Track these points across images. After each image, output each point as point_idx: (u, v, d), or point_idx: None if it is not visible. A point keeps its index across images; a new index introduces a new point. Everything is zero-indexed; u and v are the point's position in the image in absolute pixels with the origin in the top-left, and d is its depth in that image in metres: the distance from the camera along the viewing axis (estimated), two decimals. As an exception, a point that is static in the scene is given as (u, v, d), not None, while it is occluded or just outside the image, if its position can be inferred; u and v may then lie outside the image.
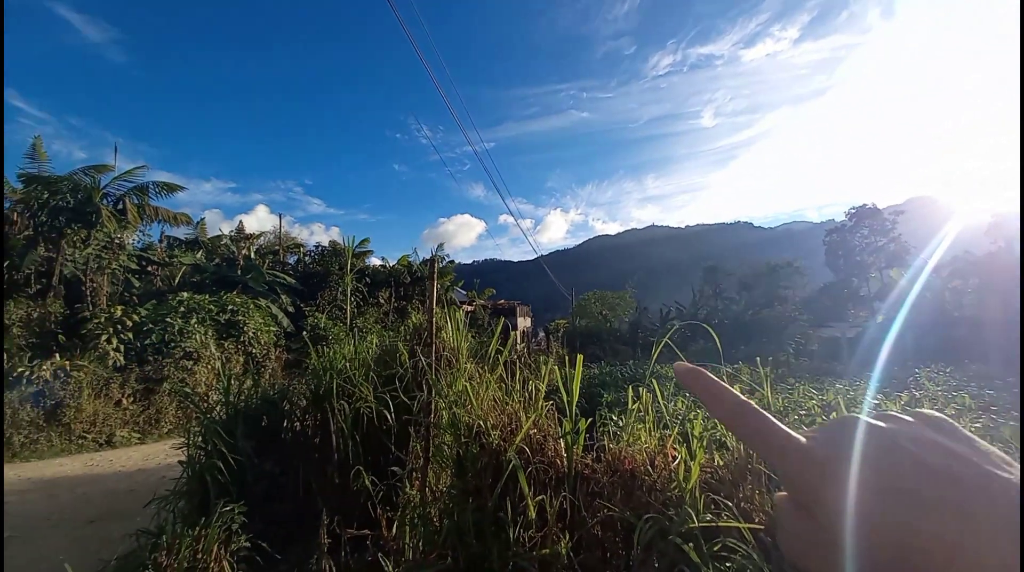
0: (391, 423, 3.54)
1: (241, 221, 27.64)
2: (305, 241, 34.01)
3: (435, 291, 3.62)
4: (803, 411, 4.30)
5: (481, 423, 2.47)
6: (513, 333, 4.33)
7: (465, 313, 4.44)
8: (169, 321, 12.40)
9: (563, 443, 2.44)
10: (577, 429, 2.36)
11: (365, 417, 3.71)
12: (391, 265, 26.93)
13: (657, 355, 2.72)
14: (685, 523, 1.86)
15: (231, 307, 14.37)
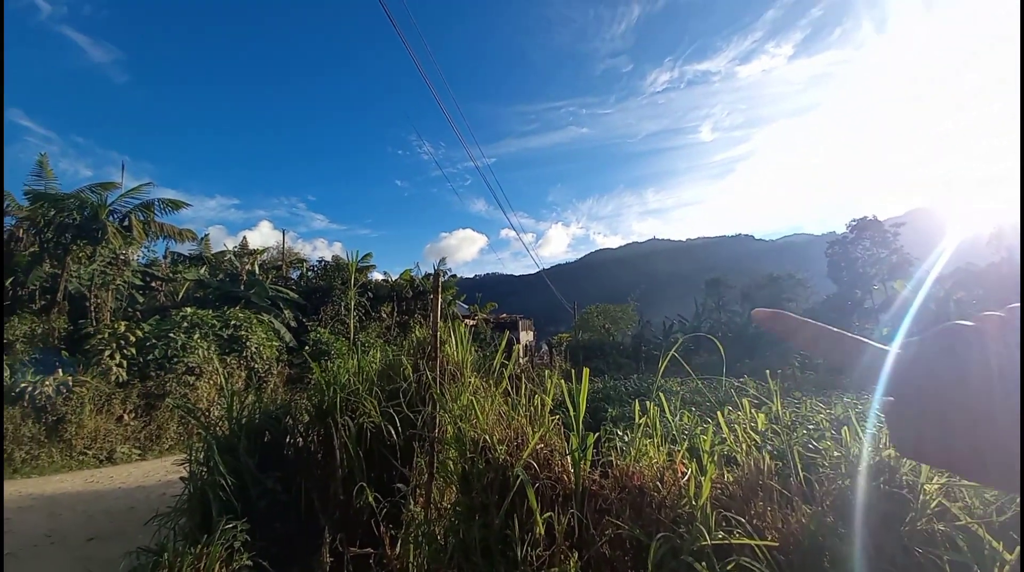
0: (395, 438, 3.51)
1: (245, 237, 27.84)
2: (308, 256, 34.22)
3: (439, 305, 3.63)
4: (812, 425, 4.24)
5: (487, 438, 2.45)
6: (516, 347, 4.32)
7: (467, 327, 4.43)
8: (172, 336, 12.41)
9: (570, 459, 2.41)
10: (585, 444, 2.34)
11: (369, 432, 3.67)
12: (393, 280, 26.98)
13: (661, 369, 2.71)
14: (697, 541, 1.82)
15: (234, 322, 14.38)
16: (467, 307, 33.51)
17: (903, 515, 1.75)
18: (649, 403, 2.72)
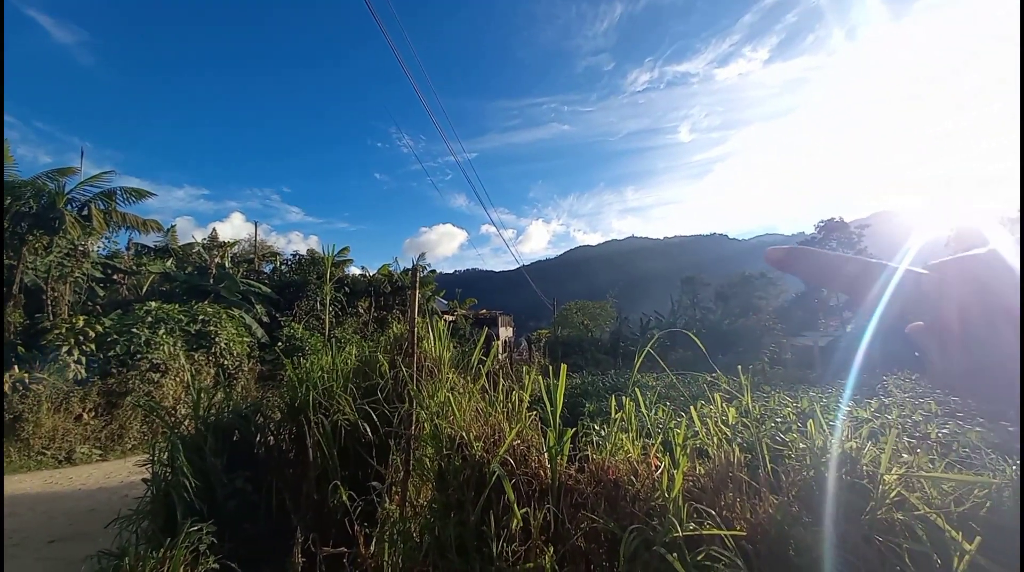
0: (371, 436, 3.45)
1: (215, 228, 26.93)
2: (282, 250, 33.33)
3: (417, 300, 3.58)
4: (779, 418, 4.38)
5: (464, 435, 2.43)
6: (495, 343, 4.31)
7: (446, 323, 4.39)
8: (135, 332, 11.89)
9: (547, 454, 2.42)
10: (562, 440, 2.35)
11: (343, 430, 3.60)
12: (371, 274, 26.56)
13: (637, 364, 2.74)
14: (669, 533, 1.85)
15: (202, 317, 13.88)
16: (446, 303, 33.30)
17: (864, 505, 1.82)
18: (625, 398, 2.75)
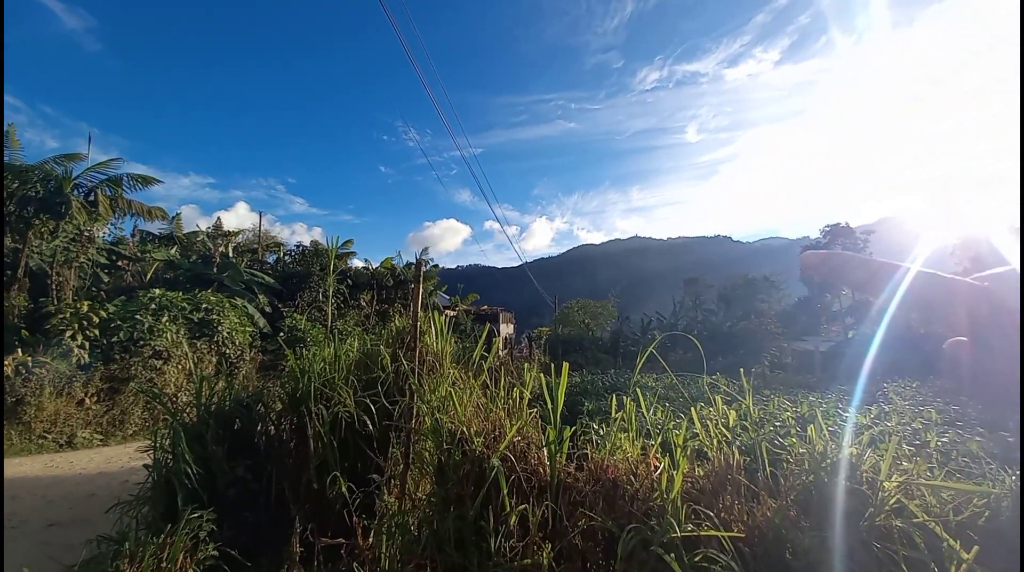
0: (371, 429, 3.47)
1: (219, 217, 26.97)
2: (286, 240, 33.42)
3: (420, 294, 3.58)
4: (778, 422, 4.39)
5: (464, 430, 2.44)
6: (496, 339, 4.31)
7: (448, 318, 4.40)
8: (139, 318, 11.94)
9: (546, 451, 2.42)
10: (562, 438, 2.35)
11: (344, 422, 3.62)
12: (374, 267, 26.58)
13: (639, 365, 2.74)
14: (667, 533, 1.86)
15: (205, 306, 13.93)
16: (448, 298, 33.32)
17: (862, 511, 1.82)
18: (626, 398, 2.76)
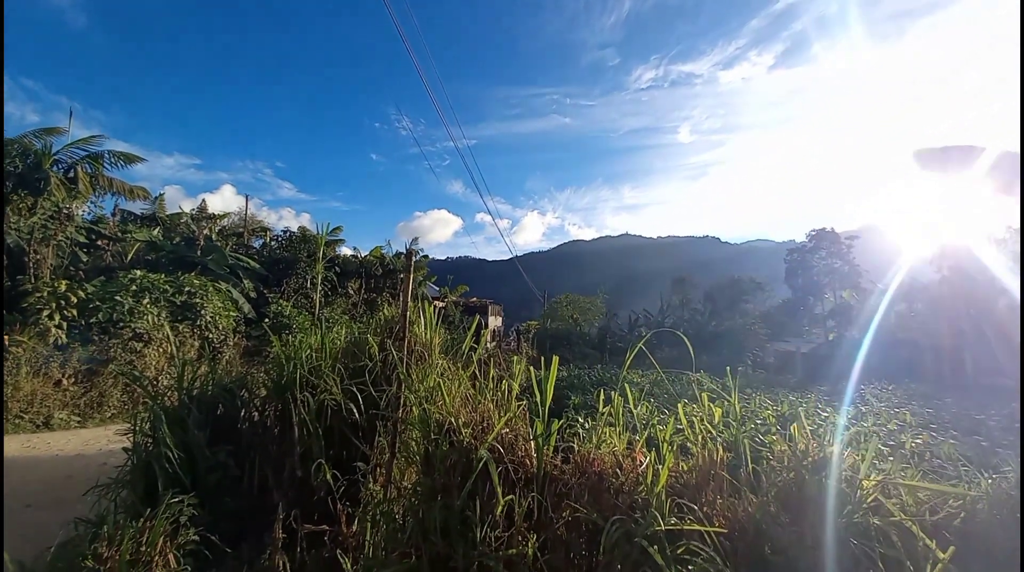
0: (357, 417, 3.45)
1: (204, 199, 26.36)
2: (273, 225, 32.80)
3: (411, 284, 3.56)
4: (759, 420, 4.48)
5: (452, 420, 2.44)
6: (484, 331, 4.30)
7: (437, 309, 4.38)
8: (119, 299, 11.67)
9: (534, 444, 2.44)
10: (550, 431, 2.37)
11: (329, 410, 3.59)
12: (363, 256, 26.32)
13: (624, 360, 2.77)
14: (651, 526, 1.88)
15: (188, 289, 13.66)
16: (438, 289, 33.20)
17: (841, 508, 1.87)
18: (613, 393, 2.78)
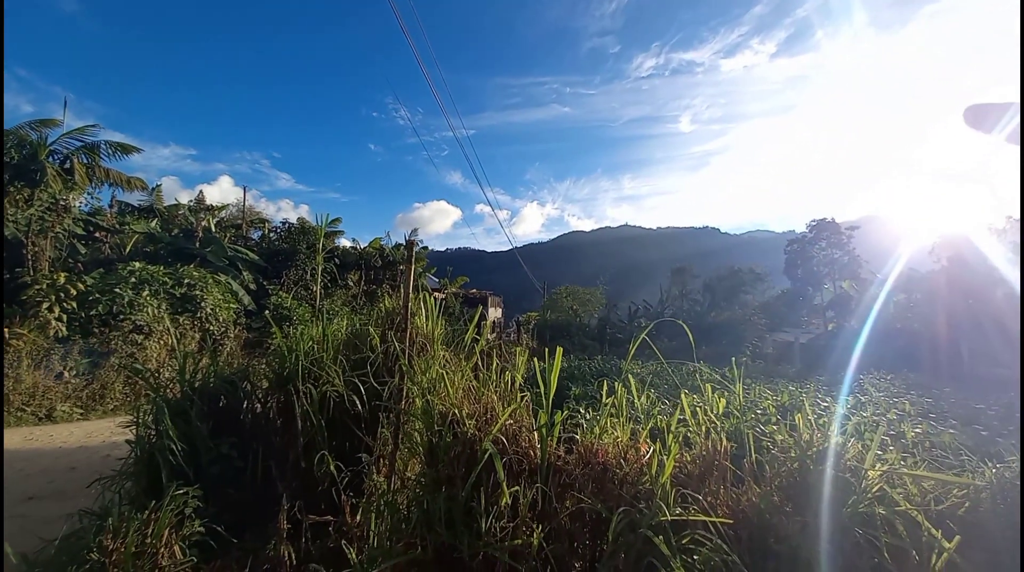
0: (360, 408, 3.45)
1: (202, 191, 26.22)
2: (271, 217, 32.68)
3: (412, 275, 3.54)
4: (759, 410, 4.50)
5: (456, 412, 2.43)
6: (485, 323, 4.30)
7: (436, 300, 4.36)
8: (118, 292, 11.64)
9: (537, 434, 2.44)
10: (553, 421, 2.37)
11: (332, 401, 3.59)
12: (362, 247, 26.25)
13: (623, 351, 2.76)
14: (656, 516, 1.89)
15: (188, 281, 13.63)
16: (437, 280, 33.17)
17: (846, 498, 1.88)
18: (617, 383, 2.78)
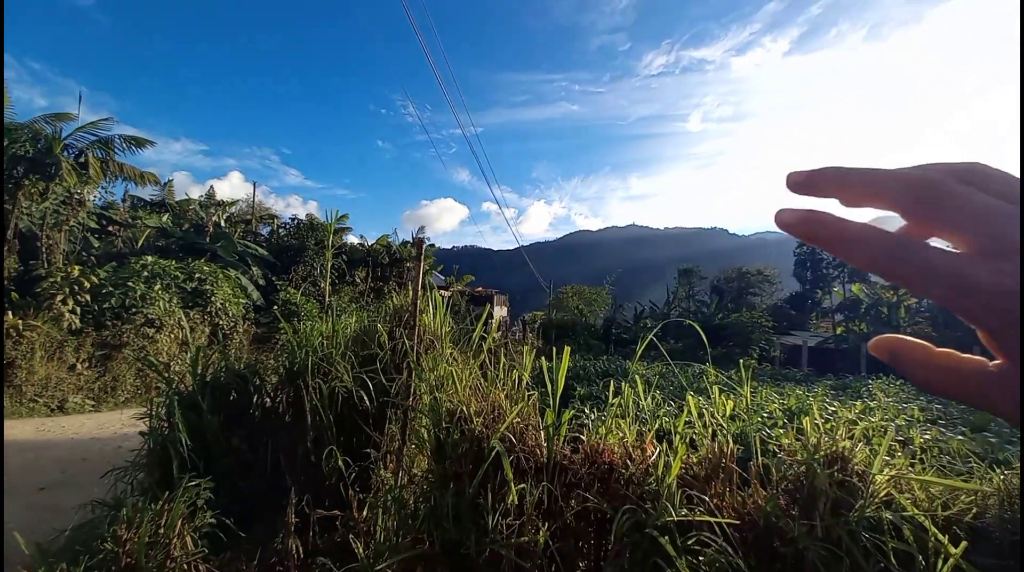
0: (367, 404, 3.49)
1: (212, 186, 26.52)
2: (280, 213, 32.96)
3: (421, 273, 3.56)
4: (766, 413, 4.48)
5: (464, 409, 2.46)
6: (491, 322, 4.33)
7: (443, 298, 4.40)
8: (131, 285, 11.82)
9: (544, 433, 2.45)
10: (560, 421, 2.38)
11: (340, 397, 3.64)
12: (369, 244, 26.39)
13: (629, 352, 2.77)
14: (662, 516, 1.90)
15: (198, 275, 13.81)
16: (443, 278, 33.27)
17: (852, 502, 1.88)
18: (624, 384, 2.79)
